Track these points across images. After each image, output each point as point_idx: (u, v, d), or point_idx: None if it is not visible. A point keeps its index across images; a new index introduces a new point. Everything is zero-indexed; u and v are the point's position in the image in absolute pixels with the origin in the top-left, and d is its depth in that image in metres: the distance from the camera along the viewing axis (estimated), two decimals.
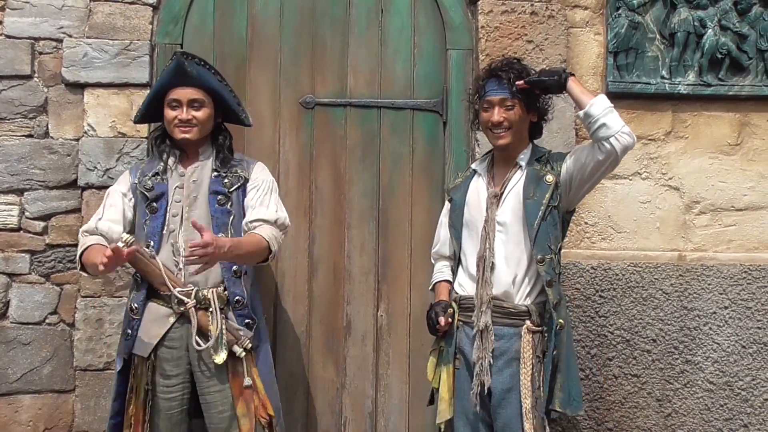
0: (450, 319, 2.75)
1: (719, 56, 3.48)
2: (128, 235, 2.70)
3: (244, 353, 2.75)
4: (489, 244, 2.71)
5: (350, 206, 3.49)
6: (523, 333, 2.67)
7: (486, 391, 2.67)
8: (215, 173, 2.85)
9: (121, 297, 3.30)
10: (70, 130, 3.36)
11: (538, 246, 2.68)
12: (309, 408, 3.45)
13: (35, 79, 3.36)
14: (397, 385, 3.47)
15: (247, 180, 2.88)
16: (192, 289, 2.73)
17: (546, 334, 2.67)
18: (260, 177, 2.91)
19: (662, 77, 3.49)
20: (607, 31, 3.48)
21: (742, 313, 3.41)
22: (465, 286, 2.80)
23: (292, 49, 3.49)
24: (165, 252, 2.77)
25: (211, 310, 2.73)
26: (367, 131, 3.50)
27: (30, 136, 3.35)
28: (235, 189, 2.85)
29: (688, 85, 3.49)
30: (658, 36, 3.50)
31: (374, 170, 3.49)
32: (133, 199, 2.86)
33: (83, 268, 2.78)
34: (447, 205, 2.96)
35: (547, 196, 2.69)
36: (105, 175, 3.32)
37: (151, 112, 2.92)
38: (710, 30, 3.48)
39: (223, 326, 2.73)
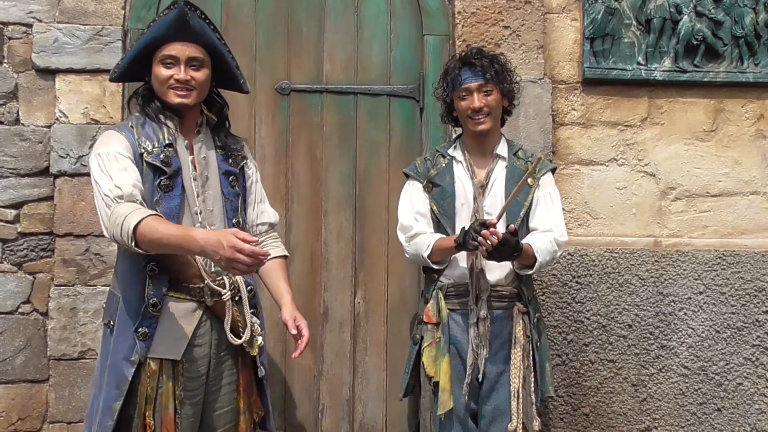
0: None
1: (695, 42, 3.49)
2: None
3: (263, 343, 2.58)
4: None
5: (327, 193, 3.47)
6: (514, 314, 2.76)
7: (477, 379, 2.74)
8: (221, 150, 2.55)
9: (95, 285, 3.27)
10: (42, 116, 3.31)
11: None
12: (286, 395, 3.44)
13: (5, 64, 3.31)
14: (374, 372, 3.47)
15: (245, 159, 2.64)
16: (224, 280, 2.46)
17: (534, 319, 2.82)
18: (252, 161, 2.68)
19: (638, 63, 3.49)
20: (584, 17, 3.48)
21: (717, 298, 3.44)
22: (451, 276, 2.81)
23: (268, 34, 3.45)
24: None
25: (237, 299, 2.48)
26: (344, 117, 3.47)
27: (0, 123, 3.29)
28: (240, 169, 2.61)
29: (663, 71, 3.49)
30: (634, 22, 3.50)
31: (351, 157, 3.48)
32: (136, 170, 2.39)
33: (137, 245, 2.25)
34: (420, 189, 2.87)
35: (528, 198, 2.82)
36: (78, 163, 3.27)
37: (131, 69, 2.50)
38: (686, 16, 3.48)
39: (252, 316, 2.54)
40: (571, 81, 3.51)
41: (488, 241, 2.51)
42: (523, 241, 2.72)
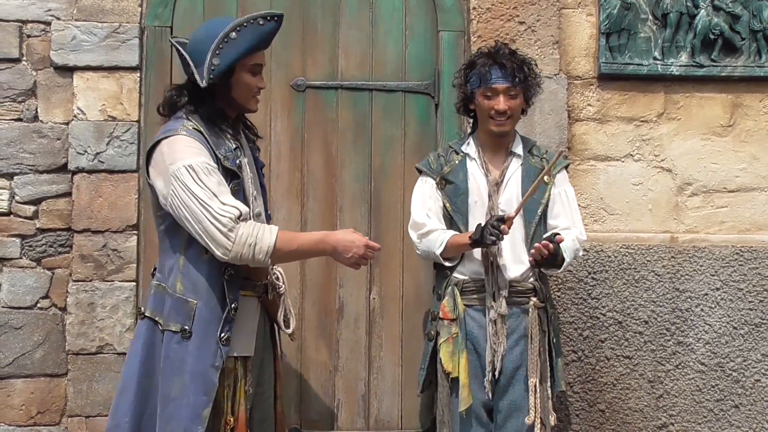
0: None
1: (712, 37, 3.46)
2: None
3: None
4: None
5: (342, 189, 3.48)
6: (530, 310, 2.77)
7: (493, 375, 2.76)
8: (251, 144, 2.63)
9: (113, 281, 3.30)
10: (60, 113, 3.34)
11: (532, 247, 2.77)
12: (302, 390, 3.46)
13: (24, 62, 3.34)
14: (389, 368, 3.48)
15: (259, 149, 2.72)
16: (277, 274, 2.59)
17: (550, 316, 2.84)
18: None
19: (655, 58, 3.47)
20: (600, 12, 3.46)
21: (734, 294, 3.42)
22: (465, 272, 2.82)
23: (283, 31, 3.36)
24: None
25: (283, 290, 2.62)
26: (359, 114, 3.48)
27: (19, 119, 3.34)
28: None
29: (680, 66, 3.47)
30: (650, 17, 3.48)
31: (366, 153, 3.48)
32: None
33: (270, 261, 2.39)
34: (432, 186, 2.89)
35: (545, 196, 2.83)
36: (95, 159, 3.31)
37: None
38: (703, 10, 3.46)
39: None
40: (587, 76, 3.50)
41: (539, 254, 2.62)
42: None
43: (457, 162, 2.89)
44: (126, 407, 2.40)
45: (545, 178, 2.79)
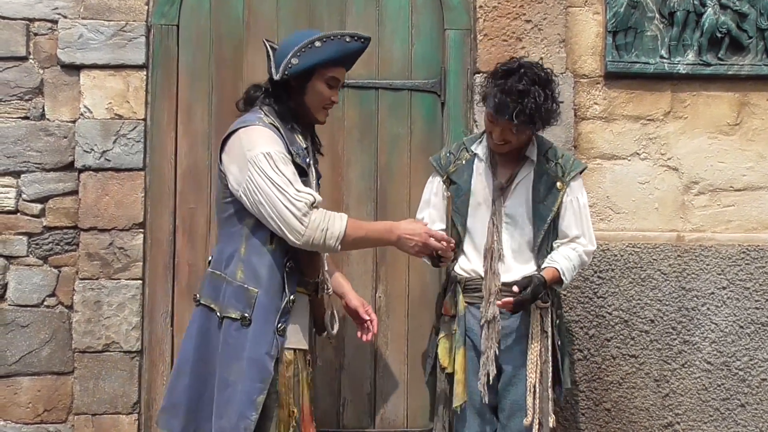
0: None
1: (719, 35, 3.46)
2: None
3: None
4: (497, 235, 2.74)
5: (348, 188, 3.48)
6: (531, 309, 2.75)
7: (493, 375, 2.74)
8: (315, 154, 2.71)
9: (119, 279, 3.31)
10: (67, 111, 3.35)
11: (540, 254, 2.78)
12: None
13: (31, 60, 3.35)
14: (395, 366, 3.48)
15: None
16: (325, 276, 2.65)
17: (557, 320, 2.82)
18: None
19: (661, 57, 3.47)
20: (606, 10, 3.46)
21: (740, 293, 3.42)
22: (467, 270, 2.82)
23: (289, 29, 3.44)
24: None
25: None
26: (365, 112, 3.48)
27: (26, 118, 3.34)
28: None
29: (687, 64, 3.47)
30: (657, 15, 3.47)
31: (372, 151, 3.48)
32: None
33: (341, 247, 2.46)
34: (439, 184, 2.89)
35: (557, 203, 2.78)
36: (102, 157, 3.32)
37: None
38: (710, 9, 3.45)
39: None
40: (594, 75, 3.50)
41: (504, 308, 2.65)
42: (549, 264, 2.74)
43: (464, 162, 2.87)
44: (182, 389, 2.51)
45: (557, 184, 2.78)
